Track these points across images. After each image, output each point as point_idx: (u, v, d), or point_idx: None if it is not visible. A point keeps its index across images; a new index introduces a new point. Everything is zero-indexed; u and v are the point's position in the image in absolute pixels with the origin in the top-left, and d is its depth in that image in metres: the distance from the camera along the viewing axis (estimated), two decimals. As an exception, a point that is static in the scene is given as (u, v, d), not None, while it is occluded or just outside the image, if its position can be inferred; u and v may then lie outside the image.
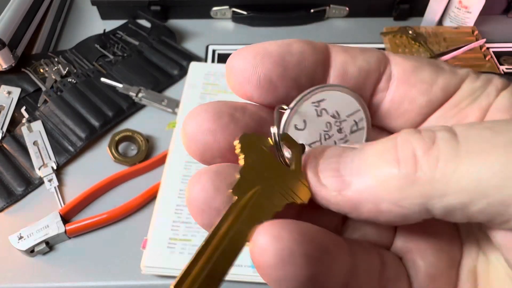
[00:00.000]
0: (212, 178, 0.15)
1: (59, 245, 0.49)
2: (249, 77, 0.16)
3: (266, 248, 0.14)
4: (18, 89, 0.62)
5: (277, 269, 0.14)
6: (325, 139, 0.17)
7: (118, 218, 0.51)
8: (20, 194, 0.53)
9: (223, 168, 0.16)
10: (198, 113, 0.16)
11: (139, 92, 0.61)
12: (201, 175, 0.16)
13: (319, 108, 0.17)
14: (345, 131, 0.17)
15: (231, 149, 0.16)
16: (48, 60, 0.66)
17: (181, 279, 0.14)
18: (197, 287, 0.14)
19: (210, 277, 0.14)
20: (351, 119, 0.17)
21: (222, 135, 0.16)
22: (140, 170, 0.54)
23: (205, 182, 0.15)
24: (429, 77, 0.16)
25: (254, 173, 0.16)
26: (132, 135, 0.57)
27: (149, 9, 0.73)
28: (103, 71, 0.65)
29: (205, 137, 0.16)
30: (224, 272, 0.15)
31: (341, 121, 0.17)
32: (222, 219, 0.15)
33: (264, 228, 0.14)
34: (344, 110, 0.17)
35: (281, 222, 0.14)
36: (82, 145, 0.56)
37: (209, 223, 0.15)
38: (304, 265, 0.14)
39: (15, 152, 0.55)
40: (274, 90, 0.16)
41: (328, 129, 0.17)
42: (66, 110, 0.59)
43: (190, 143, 0.16)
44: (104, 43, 0.69)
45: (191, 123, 0.16)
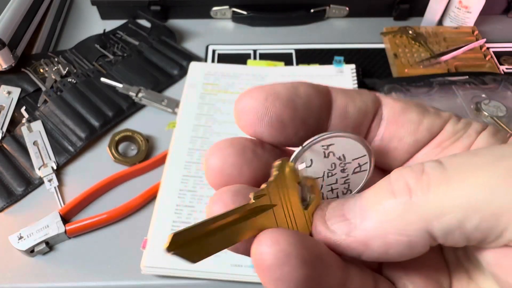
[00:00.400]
0: (232, 196, 0.17)
1: (59, 245, 0.49)
2: (261, 117, 0.17)
3: (266, 250, 0.15)
4: (18, 89, 0.62)
5: (275, 270, 0.15)
6: (327, 176, 0.18)
7: (118, 218, 0.51)
8: (20, 194, 0.53)
9: (243, 188, 0.17)
10: (223, 147, 0.17)
11: (139, 92, 0.61)
12: (222, 193, 0.17)
13: (327, 151, 0.18)
14: (348, 171, 0.18)
15: (254, 182, 0.17)
16: (48, 60, 0.66)
17: (180, 234, 0.15)
18: (190, 249, 0.15)
19: (202, 247, 0.16)
20: (356, 162, 0.18)
21: (248, 170, 0.17)
22: (140, 170, 0.54)
23: (226, 198, 0.17)
24: (416, 117, 0.18)
25: (277, 192, 0.17)
26: (132, 135, 0.57)
27: (149, 9, 0.73)
28: (103, 71, 0.65)
29: (231, 171, 0.17)
30: (214, 250, 0.16)
31: (345, 163, 0.18)
32: (233, 210, 0.16)
33: (265, 233, 0.15)
34: (350, 154, 0.18)
35: (281, 229, 0.16)
36: (82, 145, 0.56)
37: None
38: (298, 266, 0.15)
39: (15, 152, 0.55)
40: (284, 130, 0.17)
41: (332, 169, 0.18)
42: (66, 110, 0.59)
43: (216, 175, 0.17)
44: (104, 43, 0.69)
45: (216, 156, 0.17)
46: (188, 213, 0.49)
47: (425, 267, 0.19)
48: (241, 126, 0.18)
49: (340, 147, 0.18)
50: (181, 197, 0.50)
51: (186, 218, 0.49)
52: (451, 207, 0.14)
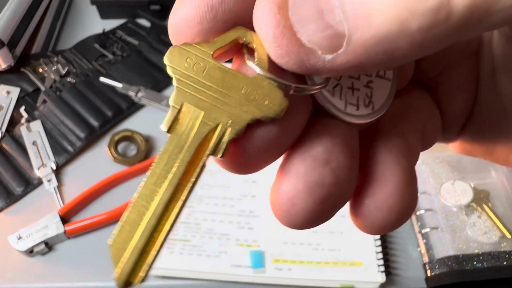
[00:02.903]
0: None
1: (58, 246, 0.49)
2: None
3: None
4: (17, 89, 0.62)
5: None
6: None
7: (118, 218, 0.50)
8: (19, 194, 0.52)
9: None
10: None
11: (139, 92, 0.61)
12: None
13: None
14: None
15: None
16: (47, 59, 0.65)
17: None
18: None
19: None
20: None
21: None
22: (140, 170, 0.54)
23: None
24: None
25: (196, 93, 0.14)
26: (132, 135, 0.57)
27: (148, 8, 0.72)
28: (102, 70, 0.65)
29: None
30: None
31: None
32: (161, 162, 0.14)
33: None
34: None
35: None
36: (81, 145, 0.56)
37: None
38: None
39: (14, 152, 0.55)
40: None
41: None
42: (65, 110, 0.58)
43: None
44: (104, 42, 0.69)
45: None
46: (188, 213, 0.49)
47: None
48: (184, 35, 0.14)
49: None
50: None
51: (186, 218, 0.49)
52: None
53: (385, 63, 0.12)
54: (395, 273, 0.48)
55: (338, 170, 0.14)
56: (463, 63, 0.17)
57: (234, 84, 0.14)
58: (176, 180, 0.14)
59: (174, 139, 0.14)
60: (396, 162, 0.15)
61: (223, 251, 0.47)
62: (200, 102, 0.14)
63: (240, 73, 0.14)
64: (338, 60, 0.12)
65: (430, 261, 0.46)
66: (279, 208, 0.14)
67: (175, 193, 0.14)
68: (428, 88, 0.18)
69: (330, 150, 0.14)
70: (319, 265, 0.47)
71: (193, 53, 0.14)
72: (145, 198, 0.14)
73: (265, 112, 0.14)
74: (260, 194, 0.51)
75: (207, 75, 0.14)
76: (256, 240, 0.48)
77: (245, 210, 0.50)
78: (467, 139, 0.19)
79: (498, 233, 0.47)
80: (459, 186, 0.50)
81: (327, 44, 0.12)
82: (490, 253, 0.45)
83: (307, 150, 0.14)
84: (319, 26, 0.12)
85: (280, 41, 0.12)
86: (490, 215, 0.48)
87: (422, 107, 0.17)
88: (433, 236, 0.48)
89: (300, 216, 0.14)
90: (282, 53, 0.13)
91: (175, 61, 0.14)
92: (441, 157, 0.52)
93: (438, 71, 0.18)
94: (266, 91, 0.14)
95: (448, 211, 0.49)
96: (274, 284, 0.46)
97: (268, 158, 0.14)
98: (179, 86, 0.14)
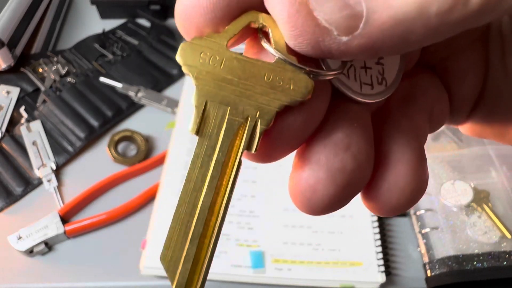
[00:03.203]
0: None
1: (58, 246, 0.49)
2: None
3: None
4: (17, 89, 0.62)
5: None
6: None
7: (118, 218, 0.50)
8: (19, 194, 0.52)
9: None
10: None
11: (139, 92, 0.61)
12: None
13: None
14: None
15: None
16: (47, 59, 0.65)
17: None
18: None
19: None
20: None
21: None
22: (140, 170, 0.54)
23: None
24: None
25: (217, 90, 0.13)
26: (132, 135, 0.57)
27: (148, 8, 0.72)
28: (102, 70, 0.65)
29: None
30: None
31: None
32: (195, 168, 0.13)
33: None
34: None
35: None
36: (81, 145, 0.56)
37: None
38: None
39: (14, 152, 0.55)
40: None
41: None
42: (65, 110, 0.58)
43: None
44: (104, 42, 0.69)
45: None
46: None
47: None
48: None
49: None
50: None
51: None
52: None
53: (399, 47, 0.12)
54: (395, 273, 0.47)
55: (358, 155, 0.14)
56: (472, 46, 0.17)
57: (255, 72, 0.13)
58: (215, 183, 0.14)
59: (204, 141, 0.13)
60: (406, 143, 0.15)
61: (223, 251, 0.47)
62: (224, 98, 0.13)
63: (259, 60, 0.13)
64: (354, 43, 0.11)
65: (430, 261, 0.46)
66: (300, 195, 0.14)
67: (216, 195, 0.14)
68: (437, 71, 0.18)
69: (350, 135, 0.14)
70: (319, 265, 0.46)
71: (206, 47, 0.13)
72: (187, 206, 0.13)
73: (292, 96, 0.13)
74: (260, 194, 0.51)
75: (225, 67, 0.13)
76: (256, 240, 0.48)
77: (245, 210, 0.50)
78: (477, 121, 0.18)
79: (498, 233, 0.47)
80: (459, 186, 0.50)
81: (344, 25, 0.11)
82: (490, 253, 0.45)
83: (328, 136, 0.14)
84: (337, 5, 0.11)
85: (295, 20, 0.12)
86: (490, 215, 0.48)
87: (430, 90, 0.17)
88: (433, 236, 0.48)
89: (321, 202, 0.14)
90: (296, 34, 0.12)
91: (189, 59, 0.13)
92: (441, 157, 0.52)
93: (447, 54, 0.17)
94: (289, 75, 0.13)
95: (448, 211, 0.49)
96: (274, 284, 0.46)
97: (295, 145, 0.14)
98: (199, 84, 0.13)
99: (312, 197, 0.14)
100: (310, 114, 0.14)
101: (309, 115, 0.14)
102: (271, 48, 0.13)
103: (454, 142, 0.54)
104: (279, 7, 0.12)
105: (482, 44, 0.17)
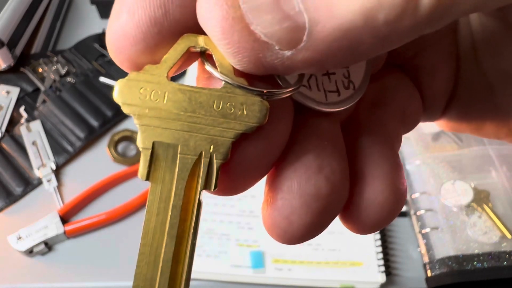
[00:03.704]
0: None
1: (58, 246, 0.49)
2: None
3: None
4: (17, 89, 0.62)
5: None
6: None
7: (117, 218, 0.50)
8: (19, 195, 0.52)
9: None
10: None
11: (139, 92, 0.60)
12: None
13: None
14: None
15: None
16: (47, 59, 0.65)
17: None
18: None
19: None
20: None
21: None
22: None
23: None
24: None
25: (164, 129, 0.12)
26: (131, 135, 0.57)
27: (148, 8, 0.72)
28: (102, 70, 0.65)
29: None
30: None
31: None
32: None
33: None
34: None
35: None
36: (81, 145, 0.56)
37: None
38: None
39: (14, 152, 0.55)
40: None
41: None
42: (65, 110, 0.58)
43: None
44: (103, 42, 0.69)
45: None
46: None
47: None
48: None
49: None
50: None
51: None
52: None
53: (349, 59, 0.11)
54: (396, 273, 0.47)
55: (332, 176, 0.13)
56: (440, 41, 0.16)
57: (202, 102, 0.12)
58: (175, 231, 0.12)
59: (157, 186, 0.12)
60: (380, 154, 0.14)
61: (223, 251, 0.47)
62: (172, 135, 0.12)
63: (205, 88, 0.12)
64: (299, 57, 0.10)
65: (430, 261, 0.46)
66: (276, 228, 0.13)
67: (178, 244, 0.13)
68: (406, 69, 0.17)
69: (321, 155, 0.13)
70: (319, 265, 0.46)
71: (145, 81, 0.12)
72: (149, 260, 0.13)
73: (246, 122, 0.12)
74: (260, 194, 0.51)
75: (169, 101, 0.12)
76: (256, 240, 0.48)
77: (245, 210, 0.50)
78: (453, 116, 0.18)
79: (499, 233, 0.47)
80: (460, 186, 0.50)
81: (286, 38, 0.10)
82: (490, 253, 0.45)
83: (297, 158, 0.13)
84: (275, 17, 0.10)
85: (230, 35, 0.10)
86: (491, 215, 0.48)
87: (400, 90, 0.16)
88: (433, 236, 0.48)
89: (298, 233, 0.13)
90: (234, 51, 0.11)
91: (127, 97, 0.12)
92: (441, 157, 0.52)
93: (414, 52, 0.17)
94: (240, 99, 0.12)
95: (448, 211, 0.49)
96: (274, 284, 0.46)
97: (259, 175, 0.13)
98: (142, 123, 0.12)
99: (288, 229, 0.13)
100: (271, 138, 0.13)
101: (270, 140, 0.13)
102: (215, 71, 0.12)
103: (454, 142, 0.53)
104: (212, 23, 0.11)
105: (451, 39, 0.16)
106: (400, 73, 0.17)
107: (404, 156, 0.53)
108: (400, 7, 0.09)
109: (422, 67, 0.17)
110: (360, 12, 0.09)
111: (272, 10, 0.10)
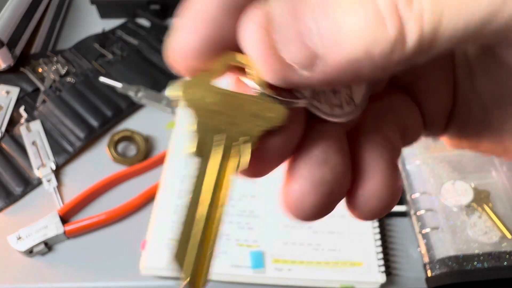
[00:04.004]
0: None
1: (58, 246, 0.49)
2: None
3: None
4: (17, 89, 0.62)
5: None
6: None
7: (117, 218, 0.50)
8: (19, 195, 0.52)
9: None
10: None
11: (138, 92, 0.60)
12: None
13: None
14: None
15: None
16: (47, 59, 0.65)
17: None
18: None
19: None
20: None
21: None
22: (139, 170, 0.54)
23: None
24: None
25: (210, 120, 0.16)
26: (131, 135, 0.57)
27: (148, 8, 0.72)
28: (102, 70, 0.64)
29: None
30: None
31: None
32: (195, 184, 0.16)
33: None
34: None
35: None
36: (81, 145, 0.56)
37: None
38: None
39: (13, 152, 0.55)
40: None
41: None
42: (65, 110, 0.58)
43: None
44: (103, 42, 0.69)
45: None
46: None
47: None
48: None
49: None
50: (181, 197, 0.50)
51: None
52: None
53: (352, 80, 0.15)
54: (396, 273, 0.47)
55: (335, 168, 0.16)
56: (438, 66, 0.19)
57: (238, 104, 0.16)
58: (216, 195, 0.16)
59: (203, 161, 0.16)
60: (379, 155, 0.17)
61: (223, 251, 0.47)
62: (216, 126, 0.16)
63: (241, 94, 0.16)
64: (313, 76, 0.14)
65: (430, 261, 0.46)
66: (291, 206, 0.17)
67: (215, 206, 0.16)
68: (407, 90, 0.20)
69: (327, 151, 0.17)
70: (319, 265, 0.46)
71: (197, 84, 0.16)
72: (190, 217, 0.16)
73: (271, 122, 0.16)
74: (260, 194, 0.51)
75: (215, 101, 0.16)
76: (256, 240, 0.48)
77: (245, 210, 0.50)
78: (454, 134, 0.20)
79: (499, 233, 0.47)
80: (460, 186, 0.50)
81: (304, 63, 0.14)
82: (490, 253, 0.45)
83: (308, 153, 0.17)
84: (298, 47, 0.14)
85: (266, 59, 0.14)
86: (491, 215, 0.48)
87: (400, 107, 0.19)
88: (433, 236, 0.48)
89: (309, 210, 0.16)
90: (269, 70, 0.14)
91: (187, 94, 0.16)
92: (441, 157, 0.52)
93: (414, 76, 0.19)
94: (267, 105, 0.16)
95: (448, 211, 0.49)
96: (274, 284, 0.46)
97: (278, 162, 0.17)
98: (197, 115, 0.16)
99: (301, 206, 0.16)
100: (288, 135, 0.16)
101: (288, 137, 0.16)
102: (251, 82, 0.16)
103: (454, 142, 0.53)
104: (255, 50, 0.14)
105: (449, 64, 0.19)
106: (402, 93, 0.20)
107: (404, 156, 0.53)
108: (390, 44, 0.13)
109: (422, 90, 0.20)
110: (362, 48, 0.13)
111: (296, 42, 0.14)
